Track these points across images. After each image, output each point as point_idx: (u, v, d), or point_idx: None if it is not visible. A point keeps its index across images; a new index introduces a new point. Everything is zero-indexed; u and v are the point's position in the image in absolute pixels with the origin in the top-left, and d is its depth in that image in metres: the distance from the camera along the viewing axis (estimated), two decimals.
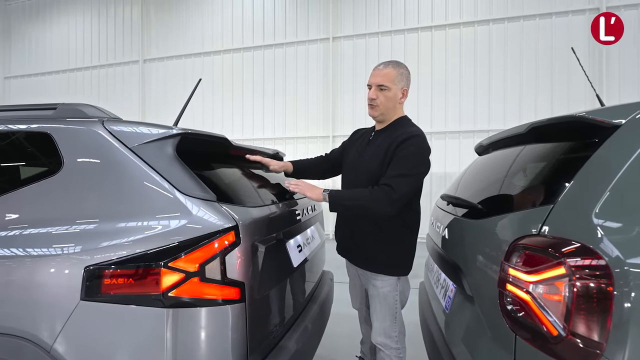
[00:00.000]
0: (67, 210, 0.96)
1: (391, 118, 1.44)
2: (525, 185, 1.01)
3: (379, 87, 1.37)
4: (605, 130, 0.83)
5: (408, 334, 1.53)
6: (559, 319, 0.69)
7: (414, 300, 2.02)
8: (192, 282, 0.85)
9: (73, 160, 1.00)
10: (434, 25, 6.31)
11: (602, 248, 0.66)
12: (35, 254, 0.92)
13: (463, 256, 1.12)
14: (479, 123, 6.11)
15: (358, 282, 1.62)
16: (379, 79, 1.37)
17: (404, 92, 1.41)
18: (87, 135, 1.00)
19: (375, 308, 1.44)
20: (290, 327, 1.25)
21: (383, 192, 1.22)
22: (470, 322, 1.03)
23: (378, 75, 1.38)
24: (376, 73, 1.39)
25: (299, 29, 7.07)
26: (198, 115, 7.55)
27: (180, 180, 0.95)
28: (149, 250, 0.86)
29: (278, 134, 7.18)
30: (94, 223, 0.92)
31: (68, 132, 1.03)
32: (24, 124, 1.09)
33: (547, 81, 5.77)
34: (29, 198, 0.99)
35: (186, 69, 7.66)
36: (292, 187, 1.32)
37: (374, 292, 1.42)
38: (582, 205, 0.73)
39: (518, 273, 0.80)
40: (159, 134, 1.00)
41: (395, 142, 1.31)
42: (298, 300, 1.38)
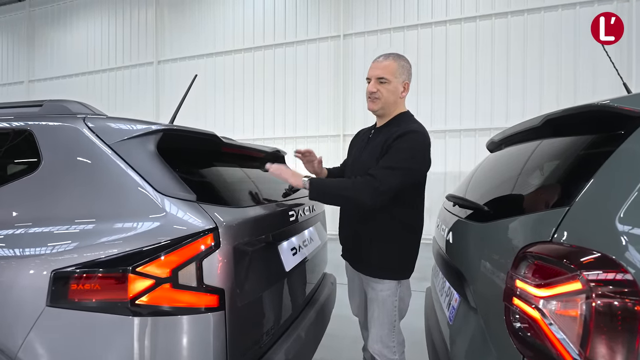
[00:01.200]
0: (39, 211, 0.92)
1: (392, 113, 1.38)
2: (538, 184, 0.89)
3: (379, 80, 1.32)
4: (632, 120, 0.71)
5: (416, 341, 1.45)
6: (573, 343, 0.58)
7: (422, 305, 1.92)
8: (163, 289, 0.79)
9: (50, 158, 0.96)
10: (449, 20, 6.09)
11: (628, 259, 0.55)
12: (1, 256, 0.88)
13: (467, 263, 1.01)
14: (496, 120, 5.84)
15: (357, 286, 1.54)
16: (378, 72, 1.32)
17: (405, 85, 1.36)
18: (67, 132, 0.97)
19: (373, 313, 1.36)
20: (281, 336, 1.18)
21: (366, 182, 1.16)
22: (474, 337, 0.93)
23: (377, 68, 1.33)
24: (375, 65, 1.34)
25: (309, 27, 7.00)
26: (210, 115, 7.63)
27: (158, 179, 0.89)
28: (118, 254, 0.81)
29: (288, 133, 7.14)
30: (65, 224, 0.88)
31: (48, 130, 1.00)
32: (7, 122, 1.06)
33: (570, 74, 5.45)
34: (4, 197, 0.96)
35: (199, 69, 7.74)
36: (272, 170, 1.24)
37: (373, 296, 1.36)
38: (604, 207, 0.62)
39: (527, 286, 0.69)
40: (138, 130, 0.95)
41: (392, 137, 1.25)
42: (291, 306, 1.31)
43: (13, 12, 9.59)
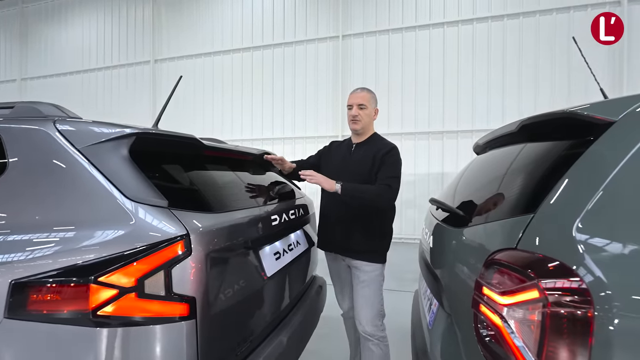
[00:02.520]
0: (1, 218, 0.89)
1: (368, 133, 1.74)
2: (510, 190, 0.89)
3: (359, 106, 1.67)
4: (599, 127, 0.71)
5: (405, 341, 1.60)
6: (531, 351, 0.59)
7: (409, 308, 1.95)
8: (128, 299, 0.78)
9: (17, 162, 0.93)
10: (446, 22, 6.09)
11: (583, 267, 0.56)
12: None
13: (442, 268, 1.01)
14: (493, 122, 5.84)
15: (345, 278, 1.77)
16: (359, 100, 1.67)
17: (375, 111, 1.74)
18: (35, 135, 0.95)
19: (364, 294, 1.63)
20: (261, 343, 1.17)
21: (384, 189, 1.52)
22: (449, 343, 0.93)
23: (357, 97, 1.68)
24: (355, 95, 1.70)
25: (308, 27, 7.00)
26: (208, 115, 7.62)
27: (128, 185, 0.88)
28: (80, 263, 0.79)
29: (287, 134, 7.14)
30: (28, 232, 0.85)
31: (16, 133, 0.97)
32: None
33: (563, 78, 5.45)
34: None
35: (196, 69, 7.75)
36: (308, 178, 1.49)
37: (365, 278, 1.63)
38: (564, 216, 0.62)
39: (492, 293, 0.69)
40: (111, 133, 0.94)
41: (381, 152, 1.61)
42: (273, 311, 1.30)
43: (5, 8, 9.47)
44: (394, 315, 2.88)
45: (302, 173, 1.50)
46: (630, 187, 0.59)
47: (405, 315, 2.99)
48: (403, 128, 6.28)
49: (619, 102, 0.71)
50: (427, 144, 6.19)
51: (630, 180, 0.59)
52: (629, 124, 0.65)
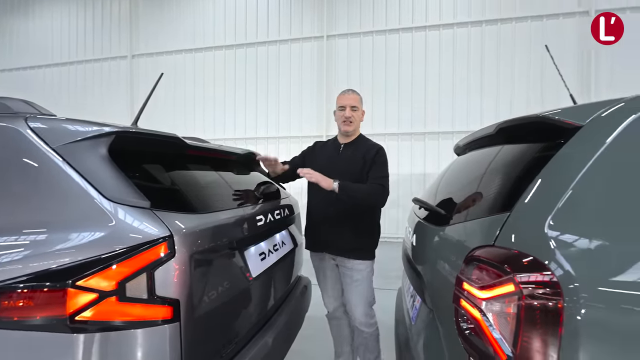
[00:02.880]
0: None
1: (356, 133, 1.79)
2: (488, 189, 0.94)
3: (352, 108, 1.71)
4: (569, 131, 0.76)
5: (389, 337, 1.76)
6: (508, 343, 0.62)
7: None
8: (108, 303, 0.75)
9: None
10: (428, 26, 6.25)
11: (554, 262, 0.59)
12: None
13: (424, 265, 1.05)
14: (472, 124, 6.05)
15: (333, 278, 1.81)
16: (352, 102, 1.70)
17: (363, 112, 1.80)
18: (5, 133, 0.89)
19: (359, 292, 1.71)
20: (247, 344, 1.17)
21: (379, 188, 1.60)
22: (431, 337, 0.96)
23: (350, 99, 1.71)
24: (348, 97, 1.72)
25: (292, 27, 6.98)
26: (189, 113, 7.45)
27: (108, 185, 0.84)
28: (56, 266, 0.75)
29: (271, 133, 7.09)
30: (1, 235, 0.81)
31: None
32: None
33: (537, 82, 5.72)
34: None
35: (177, 66, 7.54)
36: (307, 176, 1.52)
37: (359, 277, 1.70)
38: (537, 214, 0.66)
39: (472, 288, 0.72)
40: (88, 132, 0.90)
41: (370, 152, 1.68)
42: (258, 312, 1.29)
43: None
44: (378, 312, 2.93)
45: (301, 171, 1.53)
46: (596, 186, 0.64)
47: (389, 312, 3.05)
48: (386, 129, 6.38)
49: (586, 108, 0.76)
50: (409, 144, 6.33)
51: (596, 180, 0.64)
52: (595, 128, 0.69)
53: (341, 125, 1.73)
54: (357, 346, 1.82)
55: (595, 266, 0.58)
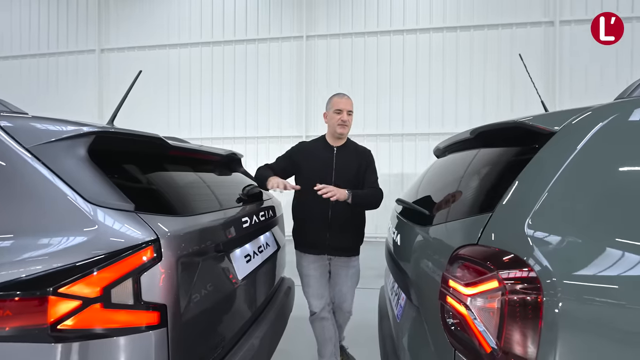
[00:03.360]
0: None
1: (346, 136, 1.89)
2: (469, 191, 0.99)
3: (348, 112, 1.79)
4: (543, 137, 0.81)
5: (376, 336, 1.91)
6: (492, 336, 0.66)
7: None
8: (92, 310, 0.72)
9: None
10: (406, 30, 6.42)
11: (533, 259, 0.64)
12: None
13: (410, 264, 1.08)
14: (447, 126, 6.29)
15: (325, 277, 1.91)
16: (349, 106, 1.80)
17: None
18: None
19: (352, 284, 1.94)
20: (233, 347, 1.15)
21: (379, 191, 1.79)
22: (417, 333, 1.00)
23: (348, 103, 1.80)
24: (346, 101, 1.80)
25: (272, 26, 6.92)
26: (162, 111, 7.17)
27: (89, 187, 0.80)
28: (36, 273, 0.71)
29: (250, 133, 6.98)
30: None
31: None
32: None
33: (507, 87, 6.06)
34: None
35: (150, 61, 7.24)
36: (329, 194, 1.55)
37: (354, 271, 1.92)
38: (516, 214, 0.71)
39: (457, 285, 0.76)
40: (65, 131, 0.85)
41: (364, 156, 1.86)
42: (244, 315, 1.28)
43: None
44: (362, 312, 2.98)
45: (320, 191, 1.54)
46: (569, 188, 0.69)
47: (371, 312, 3.11)
48: (365, 130, 6.48)
49: (559, 115, 0.82)
50: (388, 145, 6.47)
51: (569, 183, 0.69)
52: (567, 134, 0.75)
53: (337, 127, 1.79)
54: (340, 324, 2.05)
55: (570, 262, 0.63)
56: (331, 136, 1.86)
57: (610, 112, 0.75)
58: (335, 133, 1.82)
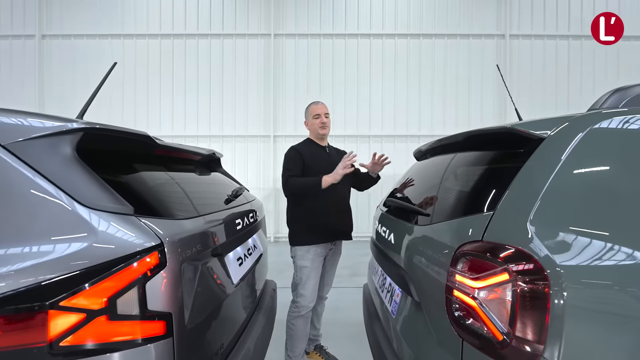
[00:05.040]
0: None
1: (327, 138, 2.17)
2: (467, 192, 1.05)
3: (326, 115, 2.07)
4: (531, 141, 0.90)
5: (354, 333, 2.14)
6: (504, 324, 0.71)
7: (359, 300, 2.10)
8: (97, 323, 0.65)
9: None
10: (372, 34, 6.63)
11: (538, 252, 0.70)
12: None
13: (409, 262, 1.13)
14: (411, 128, 6.61)
15: (320, 270, 2.01)
16: (325, 110, 2.08)
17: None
18: None
19: (335, 269, 2.19)
20: (229, 354, 1.11)
21: None
22: (417, 327, 1.04)
23: (323, 108, 2.08)
24: (321, 106, 2.09)
25: (238, 21, 6.71)
26: (116, 106, 6.61)
27: (81, 189, 0.72)
28: (32, 285, 0.62)
29: (214, 132, 6.70)
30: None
31: None
32: None
33: (465, 95, 6.55)
34: None
35: (101, 52, 6.62)
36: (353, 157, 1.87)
37: (338, 257, 2.18)
38: (519, 212, 0.77)
39: (464, 279, 0.81)
40: (49, 128, 0.75)
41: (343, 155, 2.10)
42: (239, 320, 1.23)
43: None
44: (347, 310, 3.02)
45: (351, 156, 1.87)
46: (564, 187, 0.78)
47: (345, 310, 3.17)
48: (333, 131, 6.55)
49: (547, 122, 0.91)
50: (355, 146, 6.62)
51: (564, 182, 0.78)
52: (558, 138, 0.84)
53: (319, 129, 2.04)
54: (319, 312, 2.22)
55: (572, 254, 0.70)
56: (316, 138, 2.10)
57: (593, 120, 0.85)
58: (318, 135, 2.07)
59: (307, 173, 1.93)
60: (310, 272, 1.93)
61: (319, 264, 1.98)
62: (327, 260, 2.08)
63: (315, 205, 1.93)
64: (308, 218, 1.94)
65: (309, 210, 1.94)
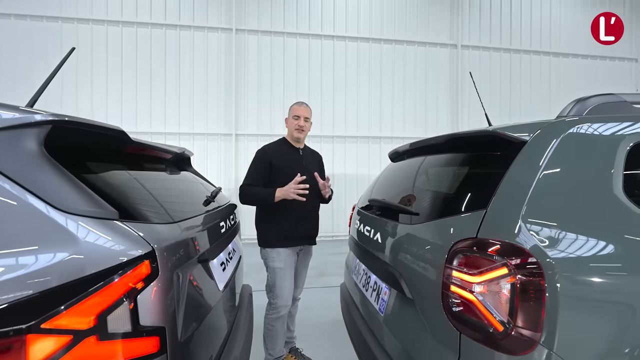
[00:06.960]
0: None
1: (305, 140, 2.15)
2: (454, 191, 1.11)
3: (306, 119, 2.02)
4: (512, 144, 0.97)
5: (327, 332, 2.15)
6: (503, 316, 0.76)
7: (335, 300, 2.11)
8: (86, 345, 0.56)
9: None
10: (336, 36, 6.72)
11: (533, 247, 0.76)
12: None
13: (400, 260, 1.15)
14: (373, 130, 6.84)
15: (293, 270, 2.00)
16: (307, 113, 2.03)
17: (310, 123, 2.10)
18: None
19: (306, 271, 2.18)
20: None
21: None
22: (410, 323, 1.07)
23: (305, 111, 2.03)
24: (304, 109, 2.03)
25: (196, 12, 6.36)
26: (55, 96, 5.85)
27: (55, 191, 0.62)
28: (4, 305, 0.52)
29: (170, 129, 6.26)
30: None
31: None
32: None
33: (422, 98, 6.96)
34: None
35: (38, 36, 5.81)
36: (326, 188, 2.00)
37: (310, 260, 2.17)
38: (511, 209, 0.83)
39: (462, 275, 0.85)
40: (8, 120, 0.63)
41: (319, 159, 2.24)
42: (225, 329, 1.16)
43: None
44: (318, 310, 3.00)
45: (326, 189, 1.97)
46: (548, 186, 0.85)
47: (316, 310, 3.17)
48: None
49: (527, 126, 0.99)
50: (319, 147, 6.67)
51: (547, 182, 0.85)
52: (538, 141, 0.92)
53: (294, 132, 2.01)
54: (293, 313, 2.21)
55: (562, 248, 0.77)
56: (291, 139, 2.06)
57: (565, 127, 0.95)
58: (293, 137, 2.03)
59: (275, 174, 1.91)
60: (285, 273, 1.92)
61: (292, 263, 1.98)
62: (298, 262, 2.07)
63: (279, 208, 1.89)
64: (276, 221, 1.93)
65: (274, 212, 1.92)
